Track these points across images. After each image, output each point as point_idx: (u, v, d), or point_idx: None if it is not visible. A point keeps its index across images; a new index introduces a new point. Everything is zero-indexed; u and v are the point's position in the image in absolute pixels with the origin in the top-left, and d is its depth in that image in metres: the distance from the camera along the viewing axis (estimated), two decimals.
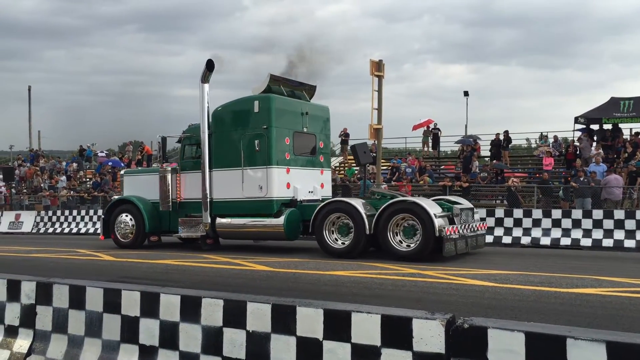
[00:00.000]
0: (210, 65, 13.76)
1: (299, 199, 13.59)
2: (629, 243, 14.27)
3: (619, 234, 14.52)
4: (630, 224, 14.45)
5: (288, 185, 13.54)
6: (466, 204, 13.23)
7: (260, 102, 13.35)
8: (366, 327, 3.59)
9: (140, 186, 15.47)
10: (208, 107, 13.95)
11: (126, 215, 15.09)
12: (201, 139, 13.88)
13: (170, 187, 14.54)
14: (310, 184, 14.18)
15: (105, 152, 38.29)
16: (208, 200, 13.79)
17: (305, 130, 14.09)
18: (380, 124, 19.48)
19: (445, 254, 11.28)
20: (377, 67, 19.01)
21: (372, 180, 21.43)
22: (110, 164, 30.35)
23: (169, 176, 14.59)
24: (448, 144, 32.67)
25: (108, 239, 15.47)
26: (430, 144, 31.42)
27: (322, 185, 14.63)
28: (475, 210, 13.43)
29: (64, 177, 30.05)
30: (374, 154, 21.35)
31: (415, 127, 32.55)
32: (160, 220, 14.92)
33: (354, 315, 3.64)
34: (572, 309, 7.06)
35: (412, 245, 11.64)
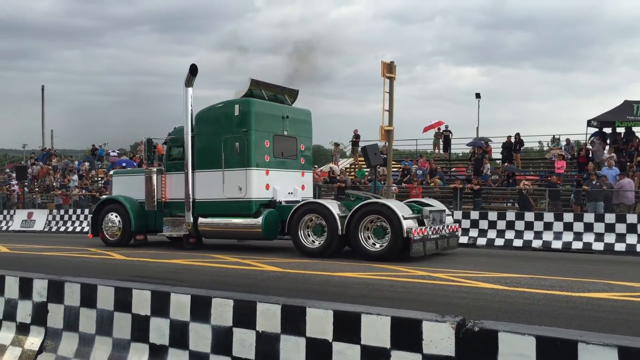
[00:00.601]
0: (193, 70, 14.35)
1: (278, 200, 13.99)
2: None
3: (631, 238, 14.39)
4: None
5: (267, 187, 13.99)
6: (438, 206, 13.58)
7: (240, 106, 13.79)
8: (376, 329, 3.58)
9: (128, 186, 15.94)
10: (192, 110, 14.49)
11: (114, 215, 15.52)
12: (184, 141, 14.40)
13: (155, 188, 15.07)
14: (290, 185, 14.63)
15: (117, 151, 38.46)
16: (191, 200, 14.29)
17: (285, 133, 14.52)
18: (392, 126, 19.44)
19: (413, 254, 11.62)
20: (389, 68, 18.98)
21: (382, 182, 21.40)
22: (124, 164, 30.51)
23: (154, 177, 15.08)
24: (459, 146, 32.62)
25: (96, 237, 15.90)
26: (441, 146, 31.33)
27: (302, 187, 15.09)
28: (447, 212, 13.80)
29: (75, 176, 30.26)
30: (385, 156, 21.32)
31: (426, 129, 32.50)
32: (146, 220, 15.37)
33: (363, 316, 3.64)
34: (583, 314, 7.01)
35: (382, 245, 11.99)
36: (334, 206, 12.69)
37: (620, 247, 14.39)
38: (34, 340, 5.22)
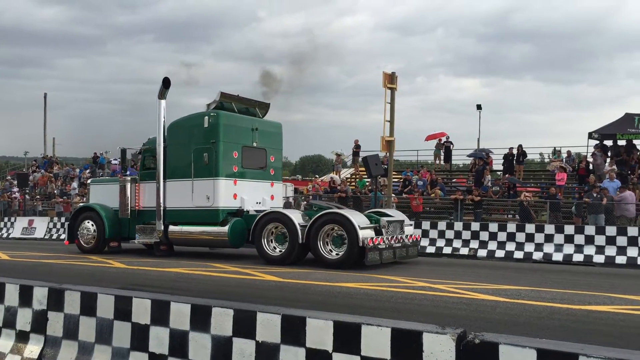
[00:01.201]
0: (166, 83, 14.78)
1: (246, 209, 14.34)
2: None
3: (632, 251, 14.38)
4: None
5: (235, 196, 14.36)
6: (398, 216, 14.01)
7: (209, 118, 14.19)
8: (376, 340, 3.58)
9: (104, 194, 16.34)
10: (164, 121, 14.87)
11: (89, 222, 15.89)
12: (157, 152, 14.80)
13: (129, 196, 15.38)
14: (259, 195, 15.00)
15: (118, 159, 38.50)
16: (162, 209, 14.67)
17: (255, 145, 14.95)
18: (393, 136, 19.47)
19: (368, 263, 11.96)
20: (390, 79, 19.05)
21: (382, 193, 21.40)
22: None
23: (128, 185, 15.42)
24: (460, 158, 32.56)
25: (72, 244, 16.26)
26: (442, 157, 31.32)
27: (272, 197, 15.46)
28: (408, 222, 14.18)
29: (76, 184, 30.26)
30: (386, 166, 21.34)
31: (428, 138, 32.52)
32: (120, 227, 15.74)
33: (364, 327, 3.63)
34: (584, 327, 6.99)
35: (340, 253, 12.42)
36: (295, 215, 13.17)
37: (621, 259, 14.37)
38: (33, 349, 5.21)
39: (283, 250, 13.15)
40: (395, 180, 25.69)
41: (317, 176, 37.18)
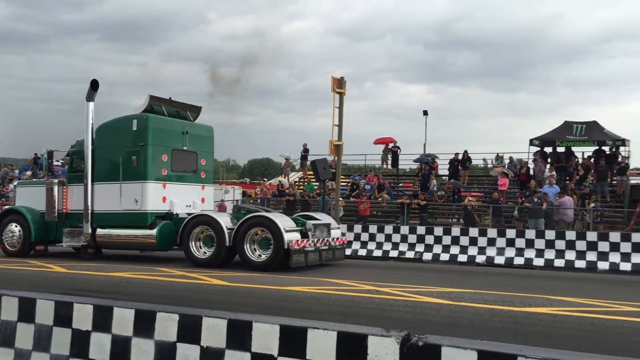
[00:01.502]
0: (94, 85, 14.65)
1: (175, 213, 14.35)
2: (580, 264, 14.68)
3: (570, 255, 14.93)
4: (581, 245, 14.89)
5: (164, 199, 14.32)
6: (325, 219, 14.34)
7: (138, 121, 14.17)
8: (322, 344, 3.59)
9: (31, 197, 16.03)
10: (92, 123, 14.75)
11: (14, 225, 15.56)
12: (85, 154, 14.67)
13: (56, 199, 15.23)
14: (189, 198, 14.95)
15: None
16: (89, 211, 14.53)
17: (185, 148, 14.89)
18: (341, 141, 19.60)
19: (292, 265, 12.28)
20: (339, 84, 19.15)
21: (330, 196, 21.52)
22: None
23: (55, 188, 15.23)
24: (407, 162, 33.06)
25: None
26: (389, 162, 31.75)
27: (202, 200, 15.43)
28: (334, 225, 14.53)
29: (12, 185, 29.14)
30: (334, 170, 21.46)
31: (377, 141, 32.89)
32: (47, 230, 15.45)
33: (310, 331, 3.64)
34: (524, 328, 7.21)
35: (266, 256, 12.65)
36: (223, 219, 13.32)
37: (559, 262, 14.90)
38: None
39: (210, 253, 13.24)
40: (343, 184, 25.86)
41: (265, 179, 37.13)
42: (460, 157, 27.19)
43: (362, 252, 16.86)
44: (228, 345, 3.87)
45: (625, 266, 14.35)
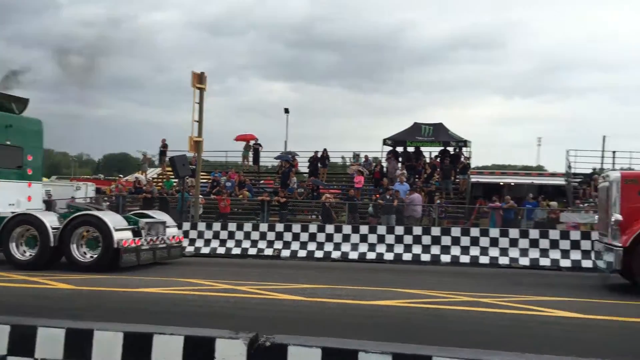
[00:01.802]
0: None
1: None
2: (425, 257, 15.67)
3: (416, 249, 15.87)
4: (426, 240, 15.88)
5: None
6: (160, 217, 14.15)
7: None
8: (169, 350, 3.50)
9: None
10: None
11: None
12: None
13: None
14: (13, 196, 14.13)
15: None
16: None
17: (8, 143, 14.02)
18: (201, 137, 19.26)
19: (122, 265, 12.07)
20: (199, 79, 18.79)
21: (190, 193, 21.09)
22: None
23: None
24: (268, 159, 33.25)
25: None
26: (250, 159, 31.76)
27: (29, 198, 14.64)
28: (170, 223, 14.37)
29: None
30: (194, 167, 21.05)
31: (238, 138, 32.71)
32: None
33: (155, 337, 3.53)
34: (369, 321, 7.59)
35: (94, 256, 12.31)
36: (48, 218, 12.79)
37: (407, 257, 15.79)
38: None
39: (33, 254, 12.60)
40: (204, 181, 25.46)
41: (121, 176, 35.43)
42: (319, 155, 27.88)
43: (221, 250, 16.70)
44: (66, 356, 3.64)
45: (465, 259, 15.55)
